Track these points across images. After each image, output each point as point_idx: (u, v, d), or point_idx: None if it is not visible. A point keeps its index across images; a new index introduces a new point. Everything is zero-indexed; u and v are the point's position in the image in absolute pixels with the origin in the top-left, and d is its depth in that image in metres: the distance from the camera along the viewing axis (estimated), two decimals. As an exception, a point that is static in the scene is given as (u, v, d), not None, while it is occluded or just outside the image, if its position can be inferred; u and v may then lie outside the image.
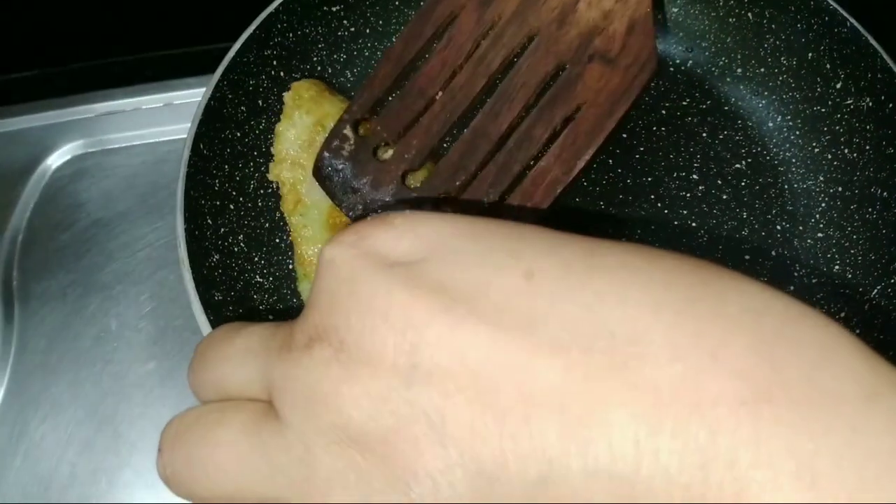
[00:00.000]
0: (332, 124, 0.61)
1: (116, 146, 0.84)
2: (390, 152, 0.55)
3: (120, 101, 0.85)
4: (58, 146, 0.84)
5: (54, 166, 0.83)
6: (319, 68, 0.74)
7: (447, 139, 0.55)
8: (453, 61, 0.54)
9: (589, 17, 0.52)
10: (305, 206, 0.63)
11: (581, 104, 0.52)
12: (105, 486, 0.66)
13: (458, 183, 0.53)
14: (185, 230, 0.58)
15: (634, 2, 0.52)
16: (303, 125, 0.64)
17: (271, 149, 0.67)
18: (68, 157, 0.84)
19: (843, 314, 0.61)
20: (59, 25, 0.90)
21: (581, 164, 0.52)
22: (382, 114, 0.55)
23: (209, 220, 0.62)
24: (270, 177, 0.65)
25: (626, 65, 0.51)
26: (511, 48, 0.54)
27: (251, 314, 0.61)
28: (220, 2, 0.88)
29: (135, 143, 0.84)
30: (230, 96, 0.66)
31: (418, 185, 0.55)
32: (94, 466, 0.67)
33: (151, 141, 0.84)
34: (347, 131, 0.55)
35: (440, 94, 0.54)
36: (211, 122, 0.64)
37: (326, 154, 0.56)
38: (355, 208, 0.54)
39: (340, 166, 0.55)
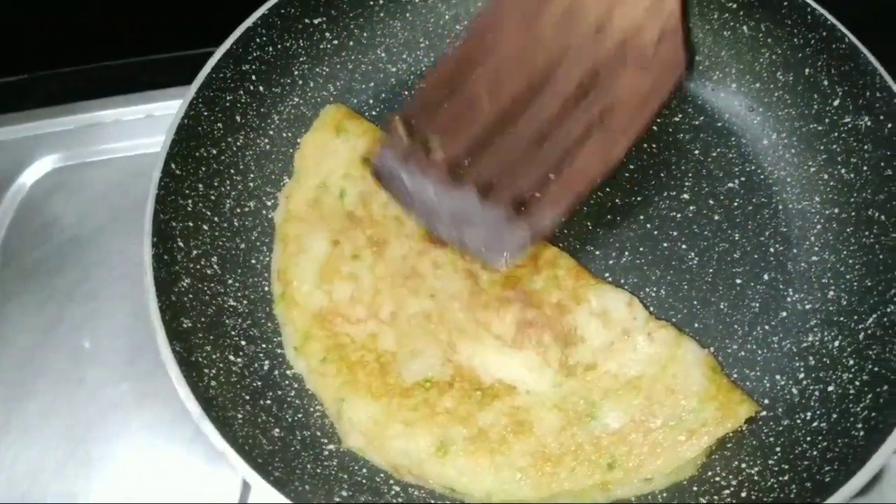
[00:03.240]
0: (334, 182, 0.67)
1: (95, 159, 0.82)
2: (440, 150, 0.58)
3: (100, 113, 0.83)
4: (35, 159, 0.82)
5: (32, 180, 0.81)
6: (301, 82, 0.72)
7: (493, 136, 0.58)
8: (499, 70, 0.59)
9: (622, 28, 0.57)
10: (305, 255, 0.64)
11: (615, 104, 0.57)
12: (77, 511, 0.64)
13: (498, 173, 0.57)
14: (154, 255, 0.56)
15: (665, 14, 0.57)
16: (310, 185, 0.67)
17: (276, 192, 0.68)
18: (46, 170, 0.82)
19: (836, 343, 0.59)
20: (37, 32, 0.88)
21: (615, 156, 0.56)
22: (433, 115, 0.59)
23: (180, 243, 0.60)
24: (280, 234, 0.66)
25: (658, 68, 0.57)
26: (551, 56, 0.58)
27: (223, 339, 0.59)
28: (206, 7, 0.86)
29: (114, 155, 0.82)
30: (206, 113, 0.64)
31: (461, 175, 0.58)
32: (67, 490, 0.65)
33: (131, 154, 0.82)
34: (400, 130, 0.59)
35: (486, 97, 0.58)
36: (184, 140, 0.62)
37: (383, 151, 0.59)
38: (406, 197, 0.58)
39: (394, 161, 0.58)
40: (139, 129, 0.82)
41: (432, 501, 0.55)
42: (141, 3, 0.90)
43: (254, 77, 0.68)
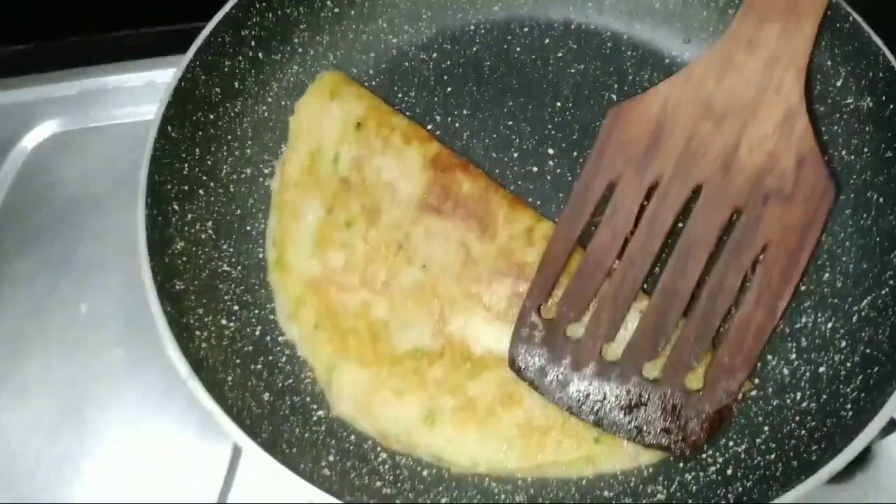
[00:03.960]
0: (328, 146, 0.66)
1: (97, 125, 0.83)
2: (581, 330, 0.55)
3: (102, 79, 0.83)
4: (37, 123, 0.82)
5: (33, 144, 0.82)
6: (301, 50, 0.72)
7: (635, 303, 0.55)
8: (624, 228, 0.56)
9: (753, 160, 0.54)
10: (300, 222, 0.64)
11: (766, 244, 0.54)
12: (69, 474, 0.65)
13: (660, 348, 0.54)
14: (148, 216, 0.56)
15: (797, 139, 0.54)
16: (305, 150, 0.67)
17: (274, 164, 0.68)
18: (48, 134, 0.82)
19: (829, 325, 0.59)
20: (40, 2, 0.88)
21: (783, 304, 0.53)
22: (565, 293, 0.56)
23: (175, 206, 0.60)
24: (276, 201, 0.66)
25: (805, 198, 0.54)
26: (680, 204, 0.55)
27: (216, 303, 0.59)
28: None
29: (115, 121, 0.83)
30: (203, 77, 0.64)
31: (617, 357, 0.55)
32: (60, 454, 0.66)
33: (133, 120, 0.82)
34: (534, 318, 0.56)
35: (617, 262, 0.56)
36: (181, 103, 0.62)
37: (519, 345, 0.56)
38: (562, 395, 0.55)
39: (535, 354, 0.55)
40: (140, 95, 0.83)
41: (419, 469, 0.55)
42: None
43: (253, 43, 0.68)
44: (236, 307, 0.61)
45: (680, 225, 0.57)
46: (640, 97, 0.59)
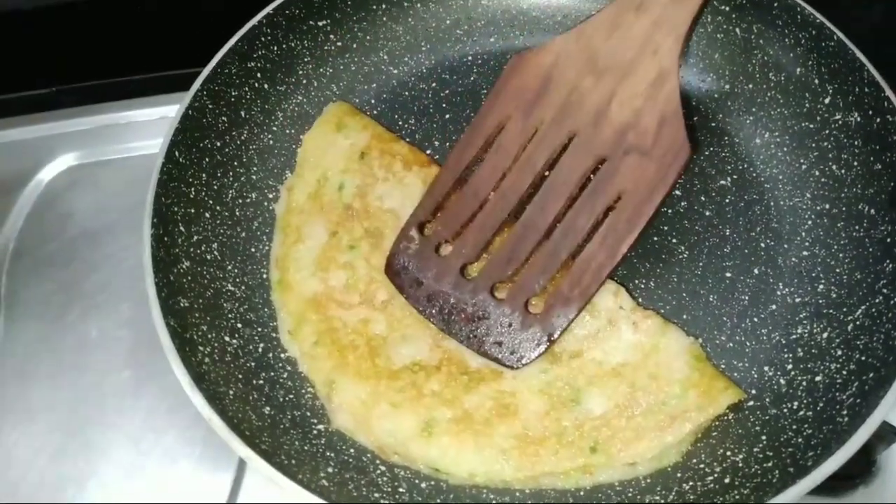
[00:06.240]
0: (334, 175, 0.69)
1: (111, 158, 0.86)
2: (450, 248, 0.61)
3: (116, 115, 0.87)
4: (53, 158, 0.85)
5: (49, 177, 0.85)
6: (305, 81, 0.75)
7: (500, 234, 0.61)
8: (503, 165, 0.61)
9: (622, 115, 0.58)
10: (304, 244, 0.66)
11: (621, 193, 0.57)
12: (73, 494, 0.66)
13: (510, 272, 0.59)
14: (154, 235, 0.58)
15: (663, 99, 0.58)
16: (312, 178, 0.69)
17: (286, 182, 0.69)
18: (63, 168, 0.85)
19: (825, 335, 0.59)
20: (60, 50, 0.92)
21: (624, 248, 0.57)
22: (442, 215, 0.62)
23: (181, 227, 0.62)
24: (280, 224, 0.68)
25: (660, 155, 0.57)
26: (553, 149, 0.60)
27: (220, 321, 0.61)
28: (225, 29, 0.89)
29: (129, 154, 0.86)
30: (210, 106, 0.67)
31: (475, 275, 0.60)
32: (64, 474, 0.67)
33: (146, 153, 0.85)
34: (413, 233, 0.62)
35: (492, 194, 0.61)
36: (189, 130, 0.64)
37: (396, 254, 0.62)
38: (421, 300, 0.60)
39: (407, 264, 0.61)
40: (154, 129, 0.85)
41: (417, 481, 0.56)
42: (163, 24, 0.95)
43: (259, 75, 0.71)
44: (240, 325, 0.62)
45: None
46: (538, 48, 0.62)
